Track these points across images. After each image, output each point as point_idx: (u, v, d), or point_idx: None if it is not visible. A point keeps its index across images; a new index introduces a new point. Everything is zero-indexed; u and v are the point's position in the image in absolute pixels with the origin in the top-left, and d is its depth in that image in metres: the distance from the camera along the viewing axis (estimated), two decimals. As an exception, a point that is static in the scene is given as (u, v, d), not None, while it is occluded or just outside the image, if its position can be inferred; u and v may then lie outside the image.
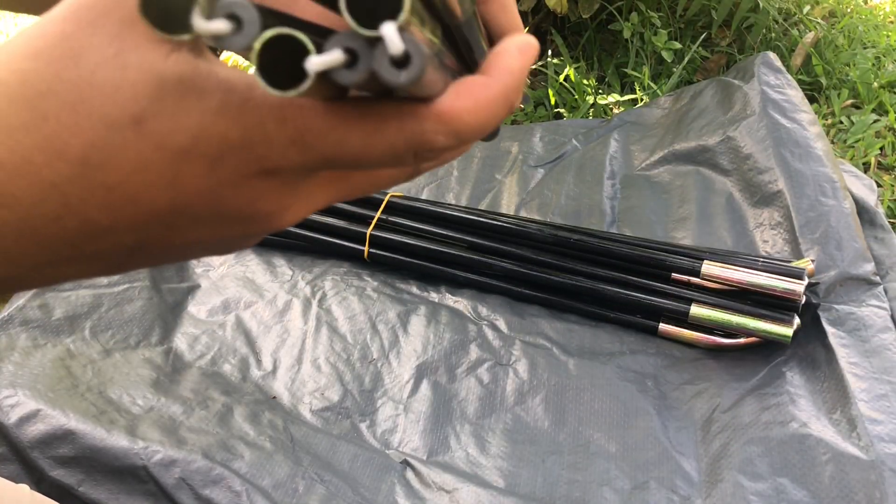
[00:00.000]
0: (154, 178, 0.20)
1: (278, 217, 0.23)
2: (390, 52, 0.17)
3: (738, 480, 0.52)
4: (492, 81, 0.23)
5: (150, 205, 0.20)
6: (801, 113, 0.80)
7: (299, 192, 0.23)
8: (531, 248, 0.71)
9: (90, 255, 0.22)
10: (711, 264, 0.64)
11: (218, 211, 0.22)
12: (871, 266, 0.65)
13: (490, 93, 0.22)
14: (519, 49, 0.24)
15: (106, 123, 0.19)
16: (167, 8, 0.18)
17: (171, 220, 0.21)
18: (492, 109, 0.22)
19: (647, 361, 0.64)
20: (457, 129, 0.22)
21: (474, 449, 0.57)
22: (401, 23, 0.17)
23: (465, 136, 0.22)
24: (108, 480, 0.52)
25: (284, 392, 0.62)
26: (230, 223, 0.22)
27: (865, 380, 0.57)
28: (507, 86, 0.23)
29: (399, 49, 0.17)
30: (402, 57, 0.17)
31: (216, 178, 0.21)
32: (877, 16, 1.41)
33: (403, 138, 0.21)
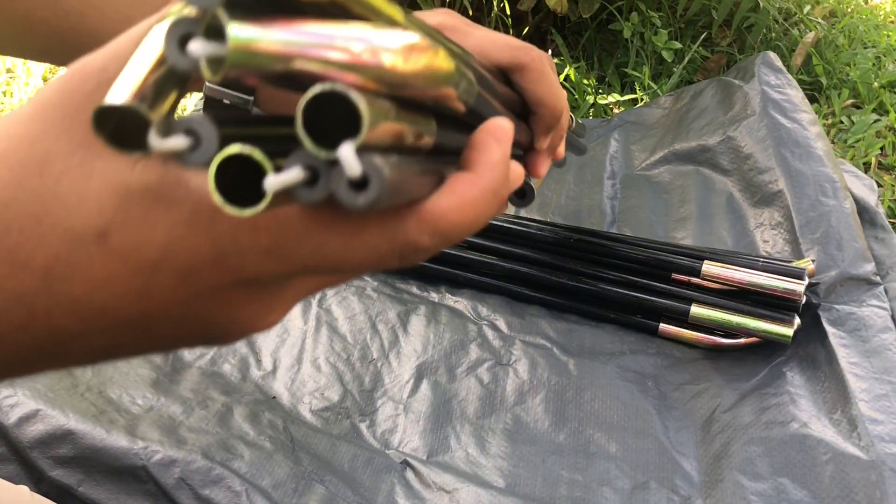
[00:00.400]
0: (122, 291, 0.19)
1: (261, 320, 0.22)
2: (347, 175, 0.17)
3: (739, 480, 0.52)
4: (476, 178, 0.22)
5: (120, 314, 0.20)
6: (801, 113, 0.80)
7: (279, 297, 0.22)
8: (531, 248, 0.70)
9: (61, 356, 0.21)
10: (712, 264, 0.64)
11: (194, 319, 0.21)
12: (872, 266, 0.65)
13: (476, 190, 0.22)
14: (495, 138, 0.23)
15: (70, 237, 0.19)
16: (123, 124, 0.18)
17: (144, 325, 0.21)
18: (479, 207, 0.22)
19: (648, 361, 0.64)
20: (442, 229, 0.21)
21: (474, 449, 0.56)
22: (359, 144, 0.16)
23: (453, 236, 0.21)
24: (108, 480, 0.52)
25: (284, 392, 0.62)
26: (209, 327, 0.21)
27: (866, 380, 0.57)
28: (493, 180, 0.22)
29: (356, 172, 0.17)
30: (360, 179, 0.17)
31: (189, 290, 0.20)
32: (877, 15, 1.41)
33: (386, 241, 0.20)
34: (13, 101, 1.31)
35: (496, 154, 0.22)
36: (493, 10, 1.20)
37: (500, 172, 0.22)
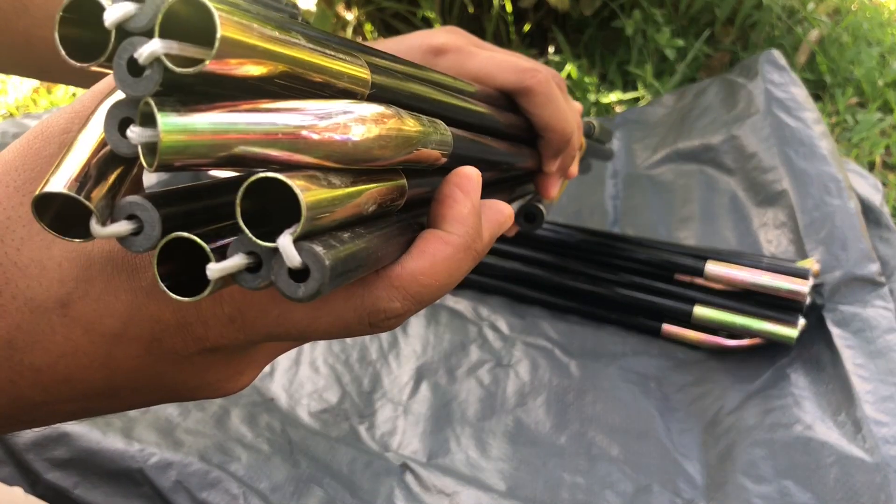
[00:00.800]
0: (86, 361, 0.19)
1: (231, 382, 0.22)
2: (287, 265, 0.16)
3: (743, 483, 0.52)
4: (446, 236, 0.21)
5: (84, 384, 0.19)
6: (805, 111, 0.79)
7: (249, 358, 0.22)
8: (532, 248, 0.70)
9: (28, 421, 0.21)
10: (715, 264, 0.63)
11: (161, 385, 0.20)
12: (877, 266, 0.64)
13: (448, 249, 0.21)
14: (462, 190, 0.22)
15: (32, 307, 0.18)
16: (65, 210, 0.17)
17: (111, 393, 0.20)
18: (452, 265, 0.21)
19: (650, 363, 0.63)
20: (414, 293, 0.20)
21: (475, 451, 0.56)
22: (298, 234, 0.16)
23: (426, 299, 0.20)
24: (104, 483, 0.52)
25: (282, 394, 0.61)
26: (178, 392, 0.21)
27: (871, 381, 0.56)
28: (463, 235, 0.21)
29: (296, 262, 0.16)
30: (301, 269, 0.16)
31: (154, 358, 0.19)
32: (882, 13, 1.40)
33: (353, 310, 0.20)
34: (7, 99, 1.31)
35: (464, 207, 0.22)
36: (493, 8, 1.19)
37: (470, 226, 0.21)
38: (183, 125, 0.15)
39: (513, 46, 1.23)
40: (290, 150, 0.16)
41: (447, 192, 0.22)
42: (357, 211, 0.18)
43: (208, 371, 0.21)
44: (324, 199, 0.17)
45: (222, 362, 0.21)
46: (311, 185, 0.16)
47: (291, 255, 0.16)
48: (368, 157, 0.18)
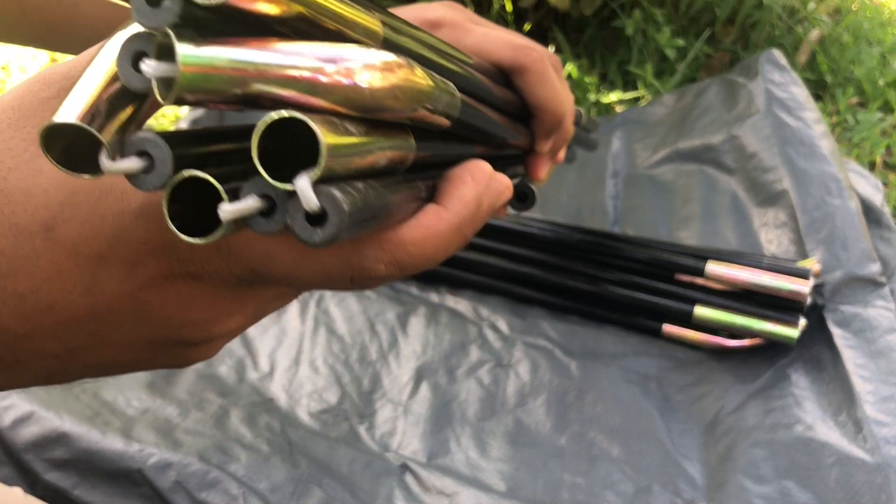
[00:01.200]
0: (69, 286, 0.19)
1: (219, 324, 0.22)
2: (304, 209, 0.16)
3: (743, 483, 0.52)
4: (444, 212, 0.22)
5: (68, 312, 0.19)
6: (806, 111, 0.79)
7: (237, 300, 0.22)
8: (532, 248, 0.70)
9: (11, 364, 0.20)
10: (715, 264, 0.63)
11: (145, 317, 0.20)
12: (878, 266, 0.64)
13: (443, 225, 0.21)
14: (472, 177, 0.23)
15: (15, 231, 0.18)
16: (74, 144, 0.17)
17: (94, 328, 0.20)
18: (442, 242, 0.21)
19: (651, 363, 0.63)
20: (401, 260, 0.20)
21: (475, 452, 0.56)
22: (317, 176, 0.16)
23: (408, 267, 0.21)
24: (104, 483, 0.52)
25: (282, 394, 0.61)
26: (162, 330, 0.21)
27: (872, 381, 0.56)
28: (461, 216, 0.22)
29: (314, 206, 0.16)
30: (318, 213, 0.16)
31: (137, 281, 0.20)
32: (882, 13, 1.40)
33: (338, 263, 0.20)
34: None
35: (469, 192, 0.22)
36: (493, 8, 1.19)
37: (470, 210, 0.22)
38: (202, 58, 0.15)
39: (513, 46, 1.23)
40: (307, 91, 0.16)
41: (458, 174, 0.23)
42: (371, 163, 0.18)
43: (193, 306, 0.21)
44: (341, 145, 0.16)
45: (208, 298, 0.21)
46: (329, 129, 0.16)
47: (309, 198, 0.16)
48: (382, 107, 0.18)
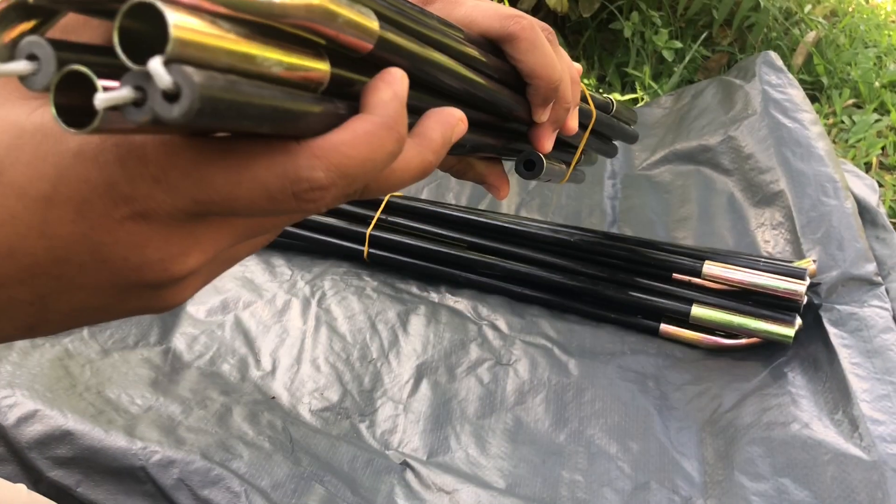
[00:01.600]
0: (24, 229, 0.20)
1: (177, 263, 0.22)
2: (160, 87, 0.17)
3: (740, 481, 0.52)
4: (368, 115, 0.22)
5: (28, 256, 0.20)
6: (802, 112, 0.80)
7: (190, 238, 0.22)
8: (531, 248, 0.70)
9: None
10: (713, 264, 0.64)
11: (102, 258, 0.21)
12: (873, 266, 0.65)
13: (368, 125, 0.22)
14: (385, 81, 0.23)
15: None
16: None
17: (57, 272, 0.21)
18: (373, 141, 0.22)
19: (648, 362, 0.64)
20: (336, 162, 0.21)
21: (474, 449, 0.56)
22: (169, 55, 0.16)
23: (351, 172, 0.21)
24: (107, 481, 0.52)
25: (283, 392, 0.61)
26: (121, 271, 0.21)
27: (867, 380, 0.56)
28: (384, 115, 0.22)
29: (166, 82, 0.16)
30: (174, 90, 0.17)
31: (87, 223, 0.20)
32: (878, 15, 1.41)
33: (275, 177, 0.20)
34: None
35: (386, 93, 0.23)
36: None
37: (392, 108, 0.23)
38: None
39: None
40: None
41: (371, 84, 0.24)
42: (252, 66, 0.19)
43: (147, 246, 0.21)
44: (201, 30, 0.17)
45: (160, 237, 0.21)
46: (192, 16, 0.17)
47: (160, 74, 0.16)
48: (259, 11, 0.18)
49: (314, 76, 0.22)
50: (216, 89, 0.17)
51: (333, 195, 0.22)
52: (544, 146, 0.44)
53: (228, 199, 0.20)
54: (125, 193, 0.20)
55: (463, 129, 0.28)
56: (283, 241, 0.78)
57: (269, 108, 0.19)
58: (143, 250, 0.21)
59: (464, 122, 0.28)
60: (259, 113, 0.19)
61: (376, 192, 0.25)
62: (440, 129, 0.27)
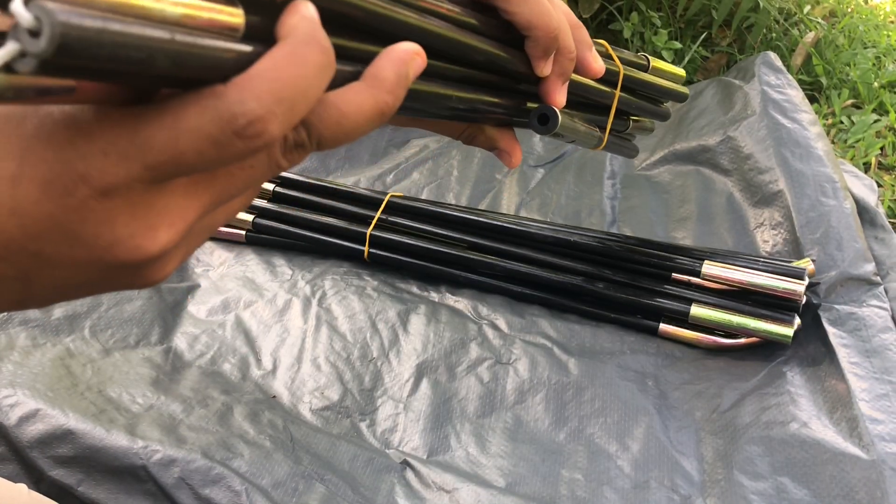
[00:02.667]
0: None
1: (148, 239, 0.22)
2: (24, 26, 0.17)
3: (739, 480, 0.52)
4: (282, 42, 0.22)
5: (3, 234, 0.21)
6: (801, 113, 0.80)
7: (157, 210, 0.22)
8: (531, 247, 0.70)
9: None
10: (712, 264, 0.64)
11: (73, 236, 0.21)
12: (872, 266, 0.65)
13: (287, 47, 0.22)
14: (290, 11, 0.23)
15: None
16: None
17: (34, 248, 0.21)
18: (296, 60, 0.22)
19: (648, 361, 0.64)
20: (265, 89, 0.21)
21: (474, 448, 0.56)
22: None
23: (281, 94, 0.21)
24: (108, 480, 0.52)
25: (284, 391, 0.62)
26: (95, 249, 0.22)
27: (866, 380, 0.57)
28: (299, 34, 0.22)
29: (28, 18, 0.17)
30: (36, 26, 0.17)
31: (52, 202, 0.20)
32: (877, 15, 1.41)
33: (210, 121, 0.20)
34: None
35: (293, 17, 0.23)
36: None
37: (303, 26, 0.22)
38: None
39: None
40: None
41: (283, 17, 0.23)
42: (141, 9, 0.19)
43: (115, 223, 0.21)
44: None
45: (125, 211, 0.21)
46: None
47: (20, 12, 0.17)
48: None
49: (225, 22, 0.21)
50: (80, 22, 0.17)
51: (277, 126, 0.21)
52: (555, 100, 0.43)
53: (175, 155, 0.21)
54: (80, 172, 0.20)
55: (421, 64, 0.26)
56: (283, 241, 0.78)
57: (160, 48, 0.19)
58: (111, 227, 0.21)
59: (420, 55, 0.26)
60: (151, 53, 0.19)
61: (333, 137, 0.24)
62: (392, 67, 0.25)
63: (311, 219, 0.77)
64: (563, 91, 0.43)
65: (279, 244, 0.79)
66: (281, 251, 0.78)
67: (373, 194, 0.78)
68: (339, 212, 0.78)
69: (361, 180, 0.91)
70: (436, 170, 0.91)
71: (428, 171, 0.91)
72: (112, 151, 0.20)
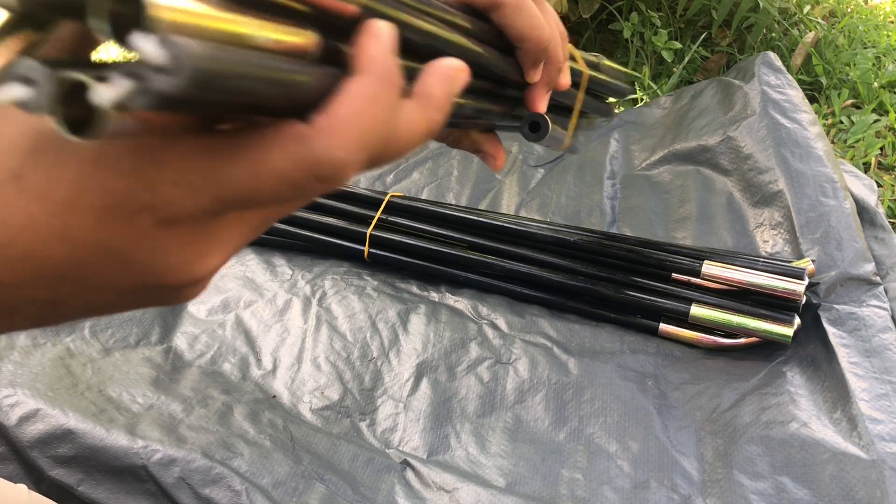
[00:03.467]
0: (45, 234, 0.19)
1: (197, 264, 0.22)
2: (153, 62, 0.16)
3: (739, 479, 0.52)
4: (362, 76, 0.21)
5: (47, 260, 0.20)
6: (801, 113, 0.80)
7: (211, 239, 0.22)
8: (531, 247, 0.70)
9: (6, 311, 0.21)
10: (712, 264, 0.64)
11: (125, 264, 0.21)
12: (872, 266, 0.65)
13: (365, 86, 0.21)
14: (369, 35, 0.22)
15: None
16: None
17: (77, 275, 0.20)
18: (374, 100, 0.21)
19: (648, 361, 0.64)
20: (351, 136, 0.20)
21: (474, 448, 0.56)
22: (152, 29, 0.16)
23: (363, 140, 0.21)
24: (108, 480, 0.52)
25: (284, 391, 0.62)
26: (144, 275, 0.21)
27: (866, 379, 0.57)
28: (378, 72, 0.22)
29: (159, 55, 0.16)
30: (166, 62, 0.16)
31: (108, 230, 0.20)
32: (877, 15, 1.41)
33: (293, 165, 0.20)
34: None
35: (373, 48, 0.22)
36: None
37: (383, 62, 0.22)
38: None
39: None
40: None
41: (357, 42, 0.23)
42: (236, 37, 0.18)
43: (170, 251, 0.21)
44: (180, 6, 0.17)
45: (183, 240, 0.21)
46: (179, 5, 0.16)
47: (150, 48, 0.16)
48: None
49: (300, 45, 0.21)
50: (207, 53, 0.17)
51: (354, 170, 0.21)
52: (539, 106, 0.44)
53: (251, 193, 0.20)
54: (145, 201, 0.19)
55: (464, 79, 0.26)
56: (283, 240, 0.78)
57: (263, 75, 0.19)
58: (166, 255, 0.21)
59: (464, 70, 0.26)
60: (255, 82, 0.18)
61: (387, 159, 0.24)
62: (440, 84, 0.25)
63: (311, 218, 0.77)
64: (547, 98, 0.44)
65: (279, 244, 0.79)
66: (281, 251, 0.79)
67: (373, 194, 0.78)
68: (340, 211, 0.78)
69: (361, 180, 0.91)
70: (436, 170, 0.91)
71: (428, 171, 0.91)
72: (183, 183, 0.19)
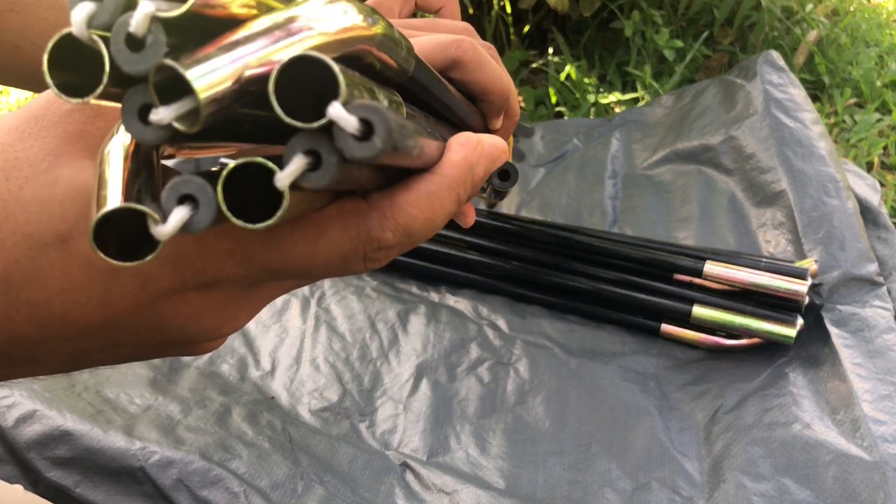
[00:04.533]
0: (83, 298, 0.19)
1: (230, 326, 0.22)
2: (349, 130, 0.16)
3: (741, 481, 0.52)
4: (434, 176, 0.22)
5: (81, 321, 0.20)
6: (803, 112, 0.80)
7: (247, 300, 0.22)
8: (532, 248, 0.70)
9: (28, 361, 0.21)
10: (714, 264, 0.64)
11: (158, 326, 0.20)
12: (875, 266, 0.65)
13: (433, 186, 0.22)
14: (459, 143, 0.23)
15: (30, 242, 0.19)
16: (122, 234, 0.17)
17: (107, 334, 0.20)
18: (439, 202, 0.22)
19: (649, 362, 0.63)
20: (405, 224, 0.21)
21: (474, 449, 0.56)
22: (344, 98, 0.16)
23: (414, 232, 0.21)
24: (106, 481, 0.52)
25: (283, 392, 0.61)
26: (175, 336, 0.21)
27: (869, 380, 0.56)
28: (452, 178, 0.22)
29: (354, 123, 0.16)
30: (363, 129, 0.16)
31: (150, 294, 0.20)
32: (880, 14, 1.41)
33: (349, 240, 0.20)
34: (10, 99, 1.31)
35: (456, 155, 0.23)
36: (493, 9, 1.20)
37: (459, 171, 0.22)
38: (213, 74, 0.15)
39: (512, 47, 1.24)
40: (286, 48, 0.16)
41: (449, 142, 0.23)
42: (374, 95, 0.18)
43: (205, 314, 0.21)
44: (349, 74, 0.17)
45: (219, 304, 0.21)
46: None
47: (346, 117, 0.16)
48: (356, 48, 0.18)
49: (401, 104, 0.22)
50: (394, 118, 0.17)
51: (395, 254, 0.21)
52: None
53: (304, 267, 0.20)
54: (196, 268, 0.19)
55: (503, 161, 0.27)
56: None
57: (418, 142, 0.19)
58: (200, 319, 0.21)
59: (506, 153, 0.27)
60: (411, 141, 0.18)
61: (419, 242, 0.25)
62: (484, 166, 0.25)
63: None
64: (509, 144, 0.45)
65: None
66: (280, 251, 0.78)
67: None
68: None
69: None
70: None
71: (428, 170, 0.91)
72: (240, 252, 0.19)
